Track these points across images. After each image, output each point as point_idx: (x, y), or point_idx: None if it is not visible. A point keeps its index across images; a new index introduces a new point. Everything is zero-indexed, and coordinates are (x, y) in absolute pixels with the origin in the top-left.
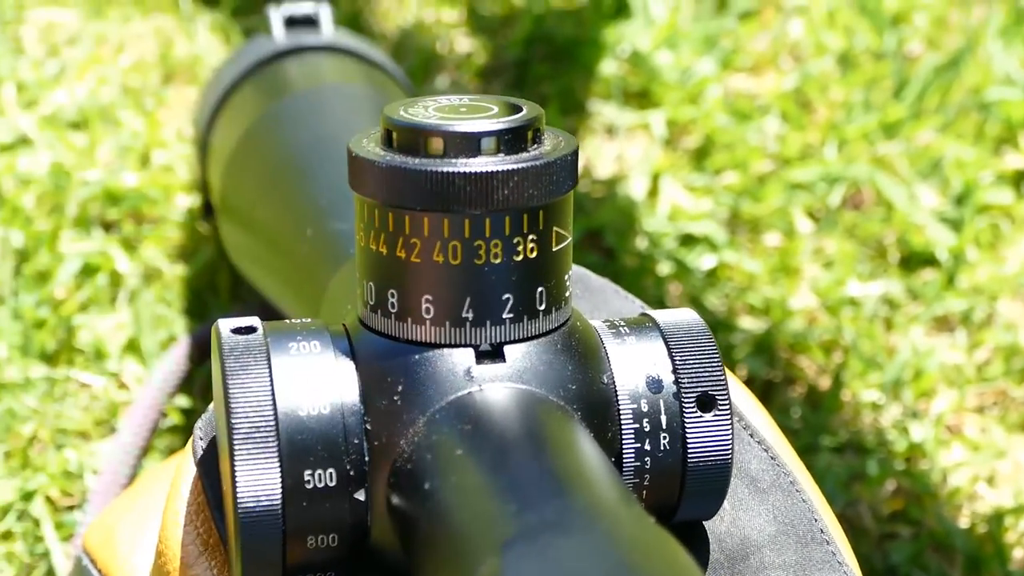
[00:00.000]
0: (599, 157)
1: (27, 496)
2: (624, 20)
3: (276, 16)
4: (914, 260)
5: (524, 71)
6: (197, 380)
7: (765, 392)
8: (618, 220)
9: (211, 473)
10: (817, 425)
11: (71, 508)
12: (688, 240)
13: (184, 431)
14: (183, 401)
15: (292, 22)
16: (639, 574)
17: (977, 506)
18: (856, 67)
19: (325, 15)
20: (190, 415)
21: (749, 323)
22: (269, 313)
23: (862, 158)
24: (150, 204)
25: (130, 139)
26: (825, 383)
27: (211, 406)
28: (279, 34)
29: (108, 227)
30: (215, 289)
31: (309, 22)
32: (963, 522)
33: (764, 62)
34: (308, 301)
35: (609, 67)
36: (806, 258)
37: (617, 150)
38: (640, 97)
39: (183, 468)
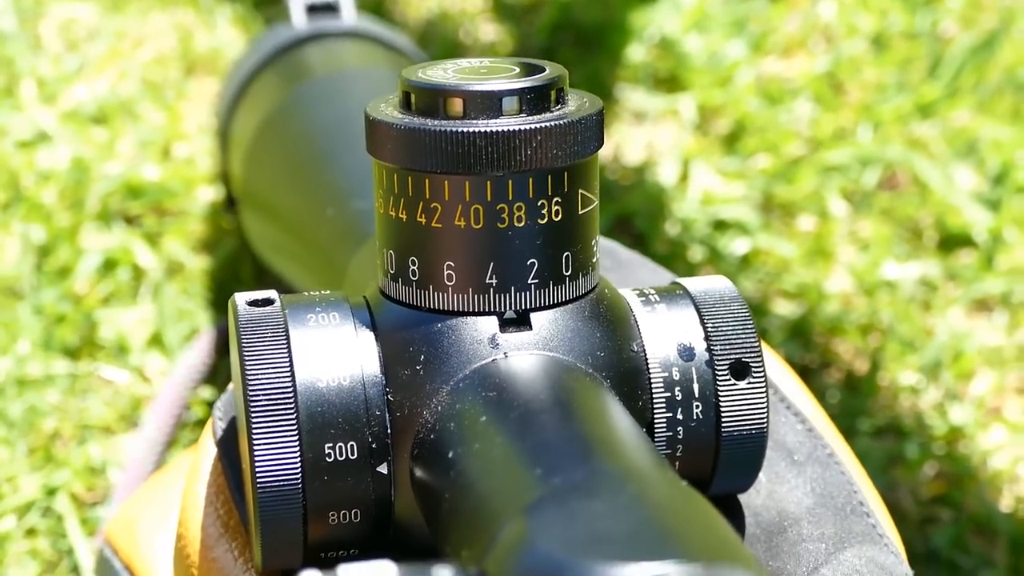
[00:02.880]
0: (628, 143)
1: (51, 492)
2: (651, 4)
3: (296, 3)
4: (951, 241)
5: (550, 58)
6: (221, 372)
7: (802, 377)
8: (648, 206)
9: (231, 454)
10: (855, 409)
11: (95, 504)
12: (720, 225)
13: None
14: (207, 394)
15: (313, 9)
16: (672, 536)
17: (1019, 488)
18: (889, 48)
19: (346, 1)
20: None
21: (784, 308)
22: None
23: (897, 139)
24: (171, 197)
25: (151, 133)
26: (862, 366)
27: (231, 386)
28: (299, 21)
29: (130, 221)
30: (239, 281)
31: (330, 9)
32: (1005, 505)
33: (795, 44)
34: (329, 283)
35: (637, 52)
36: (841, 241)
37: (647, 136)
38: (669, 82)
39: (203, 450)
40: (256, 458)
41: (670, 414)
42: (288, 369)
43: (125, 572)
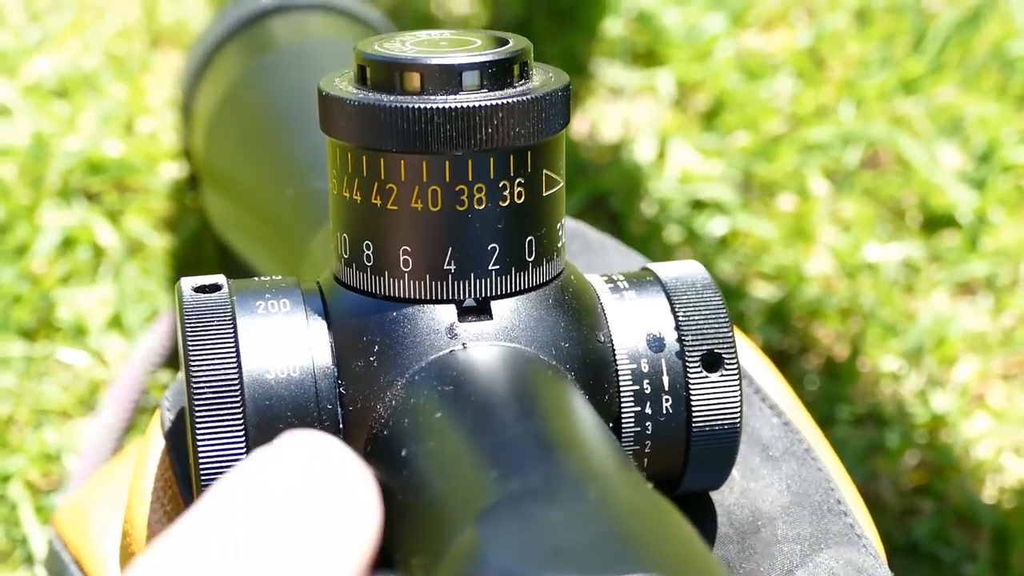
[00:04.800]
0: (604, 120)
1: (4, 479)
2: None
3: None
4: (935, 222)
5: (525, 31)
6: None
7: (780, 362)
8: (625, 184)
9: (179, 447)
10: (835, 395)
11: (50, 491)
12: (698, 205)
13: None
14: (167, 378)
15: None
16: (634, 546)
17: (1003, 478)
18: (872, 22)
19: None
20: None
21: (763, 290)
22: None
23: (880, 117)
24: (134, 174)
25: (113, 108)
26: (843, 352)
27: (180, 375)
28: None
29: (91, 198)
30: (201, 261)
31: None
32: (988, 495)
33: (776, 18)
34: (288, 264)
35: (614, 26)
36: (822, 221)
37: (623, 112)
38: (647, 57)
39: (150, 442)
40: (200, 454)
41: (638, 408)
42: (235, 360)
43: (74, 566)
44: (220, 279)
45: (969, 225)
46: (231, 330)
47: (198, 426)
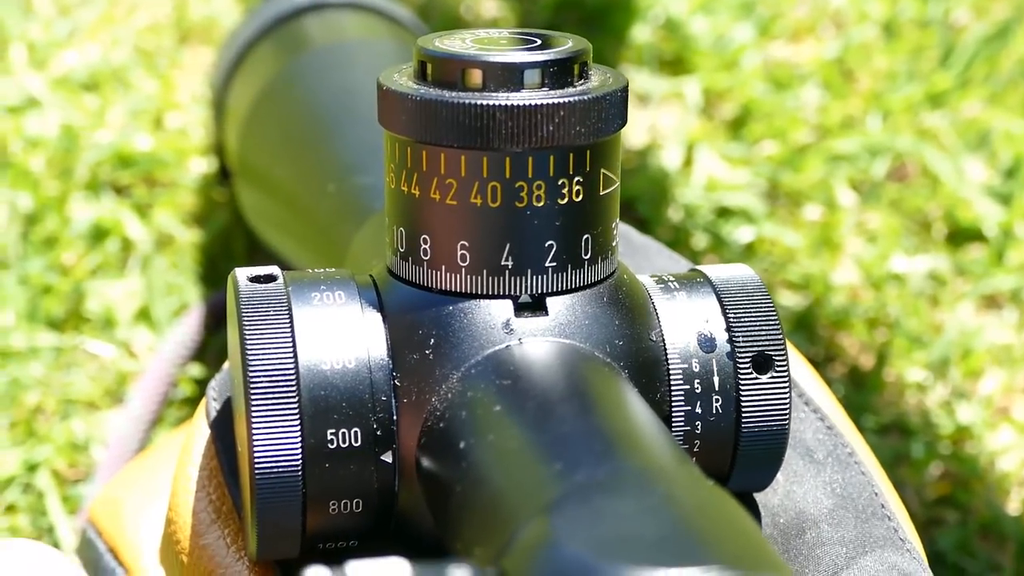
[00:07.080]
0: (631, 126)
1: (32, 468)
2: None
3: None
4: (961, 235)
5: None
6: (211, 349)
7: None
8: (652, 190)
9: (225, 436)
10: (860, 405)
11: (77, 481)
12: (724, 212)
13: (196, 403)
14: (196, 371)
15: None
16: (704, 540)
17: None
18: (900, 35)
19: None
20: (203, 385)
21: (789, 299)
22: None
23: (907, 129)
24: (163, 168)
25: (143, 102)
26: (868, 361)
27: (226, 365)
28: None
29: (119, 191)
30: (230, 255)
31: None
32: (1013, 508)
33: (804, 29)
34: (330, 260)
35: (642, 33)
36: (848, 232)
37: (650, 119)
38: (674, 64)
39: (195, 431)
40: (255, 443)
41: (688, 407)
42: (291, 350)
43: (109, 555)
44: (274, 270)
45: (995, 239)
46: (287, 320)
47: (254, 415)
